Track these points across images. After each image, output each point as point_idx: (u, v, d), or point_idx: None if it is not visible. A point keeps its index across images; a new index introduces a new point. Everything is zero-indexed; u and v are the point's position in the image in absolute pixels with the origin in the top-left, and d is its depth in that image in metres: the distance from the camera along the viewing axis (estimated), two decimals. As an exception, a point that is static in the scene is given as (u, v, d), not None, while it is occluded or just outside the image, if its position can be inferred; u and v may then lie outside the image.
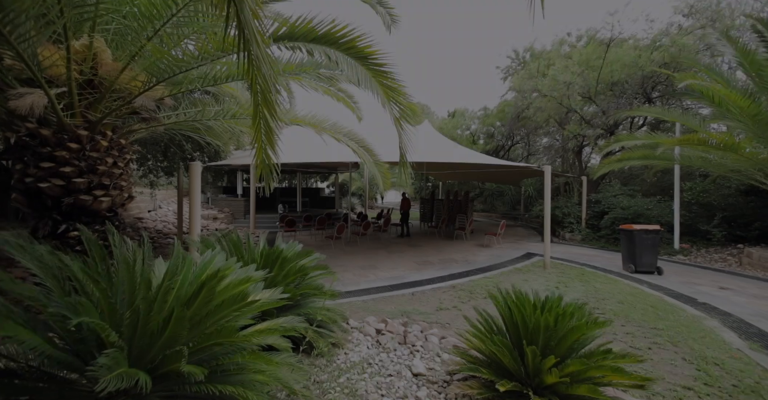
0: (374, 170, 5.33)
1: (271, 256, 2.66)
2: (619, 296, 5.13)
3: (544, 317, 1.84)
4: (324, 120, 4.82)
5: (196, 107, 4.40)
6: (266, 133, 2.23)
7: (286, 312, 2.67)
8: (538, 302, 2.11)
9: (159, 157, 6.75)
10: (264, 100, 2.00)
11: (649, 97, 10.47)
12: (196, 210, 4.39)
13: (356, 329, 3.54)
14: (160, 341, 1.34)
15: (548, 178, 7.29)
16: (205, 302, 1.43)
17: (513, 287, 2.47)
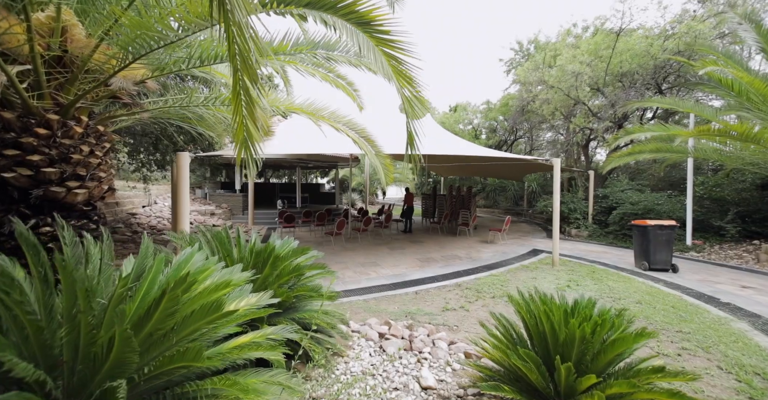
0: (376, 162, 5.01)
1: (262, 254, 2.36)
2: (636, 295, 4.84)
3: (581, 328, 1.55)
4: (322, 108, 4.51)
5: (186, 95, 4.08)
6: (247, 106, 1.90)
7: (280, 317, 2.39)
8: (568, 308, 1.81)
9: (151, 149, 6.44)
10: (243, 63, 1.69)
11: (660, 88, 10.10)
12: (184, 203, 4.10)
13: (357, 333, 3.26)
14: (104, 368, 1.06)
15: (557, 171, 6.98)
16: (167, 315, 1.15)
17: (535, 289, 2.17)
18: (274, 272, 2.44)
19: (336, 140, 6.68)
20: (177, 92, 4.42)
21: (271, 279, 2.44)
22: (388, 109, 12.04)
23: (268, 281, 2.28)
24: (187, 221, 4.17)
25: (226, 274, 1.66)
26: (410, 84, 2.25)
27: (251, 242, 2.81)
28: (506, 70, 19.74)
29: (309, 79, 4.50)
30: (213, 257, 1.75)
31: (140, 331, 1.12)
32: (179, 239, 2.40)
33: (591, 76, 9.93)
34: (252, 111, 1.89)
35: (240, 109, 1.87)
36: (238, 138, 1.97)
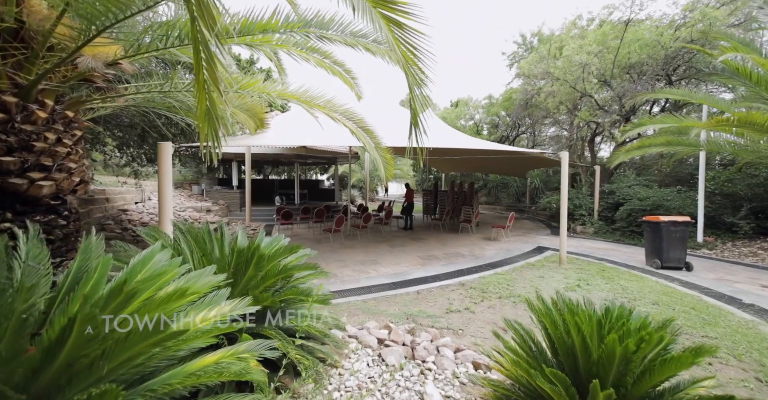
0: (375, 155, 4.71)
1: (245, 254, 2.08)
2: (651, 295, 4.56)
3: (624, 345, 1.26)
4: (317, 96, 4.20)
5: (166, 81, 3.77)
6: (208, 65, 1.55)
7: (265, 324, 2.10)
8: (602, 318, 1.52)
9: (139, 142, 6.14)
10: (199, 6, 1.34)
11: (670, 79, 9.74)
12: (166, 197, 3.80)
13: (354, 339, 2.98)
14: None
15: (566, 165, 6.67)
16: (86, 340, 0.87)
17: (557, 293, 1.88)
18: (258, 274, 2.15)
19: (333, 133, 6.37)
20: (162, 79, 4.11)
21: (256, 282, 2.15)
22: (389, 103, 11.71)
23: (250, 285, 2.00)
24: (170, 216, 3.88)
25: (193, 278, 1.38)
26: (413, 49, 1.93)
27: (234, 239, 2.52)
28: (509, 64, 19.35)
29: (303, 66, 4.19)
30: (176, 259, 1.46)
31: (53, 359, 0.84)
32: (149, 236, 2.12)
33: (598, 68, 9.57)
34: (213, 70, 1.55)
35: (200, 69, 1.52)
36: (201, 108, 1.65)
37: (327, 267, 6.34)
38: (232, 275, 2.16)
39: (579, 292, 4.82)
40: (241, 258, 2.12)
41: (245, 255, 2.10)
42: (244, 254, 2.09)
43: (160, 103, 4.17)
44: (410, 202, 11.23)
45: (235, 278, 2.15)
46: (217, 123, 1.57)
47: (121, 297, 0.93)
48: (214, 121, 1.55)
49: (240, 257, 2.11)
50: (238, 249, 2.08)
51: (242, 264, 2.13)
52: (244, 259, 2.12)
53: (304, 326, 2.15)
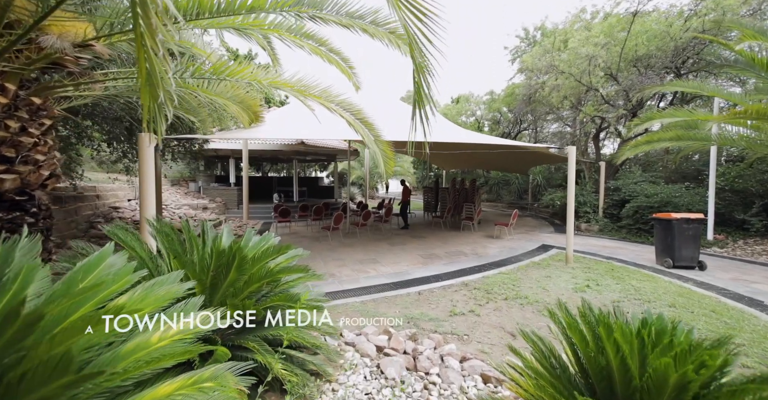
0: (374, 148, 4.46)
1: (225, 255, 1.83)
2: (666, 297, 4.32)
3: (681, 372, 1.02)
4: (311, 85, 3.93)
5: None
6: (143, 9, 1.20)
7: (247, 335, 1.85)
8: (644, 333, 1.27)
9: (128, 136, 5.88)
10: None
11: (679, 72, 9.44)
12: (148, 193, 3.55)
13: (351, 347, 2.74)
14: None
15: (572, 160, 6.41)
16: None
17: (583, 301, 1.63)
18: (241, 278, 1.90)
19: (331, 126, 6.11)
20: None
21: (238, 286, 1.90)
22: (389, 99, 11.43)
23: (229, 291, 1.75)
24: (152, 214, 3.63)
25: (148, 288, 1.14)
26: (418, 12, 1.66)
27: (217, 238, 2.27)
28: (511, 59, 19.01)
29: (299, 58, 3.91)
30: (128, 265, 1.21)
31: None
32: (113, 234, 1.86)
33: (605, 60, 9.27)
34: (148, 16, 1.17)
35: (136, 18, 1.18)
36: (141, 72, 1.35)
37: (325, 266, 6.11)
38: (211, 279, 1.91)
39: (589, 293, 4.58)
40: (222, 261, 1.87)
41: (226, 257, 1.85)
42: (225, 255, 1.84)
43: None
44: (406, 200, 10.86)
45: (215, 283, 1.90)
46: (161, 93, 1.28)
47: (18, 324, 0.68)
48: (156, 89, 1.26)
49: (220, 260, 1.86)
50: (217, 250, 1.83)
51: (223, 267, 1.88)
52: (225, 261, 1.87)
53: (293, 335, 1.90)
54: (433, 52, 2.03)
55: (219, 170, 19.27)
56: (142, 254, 1.78)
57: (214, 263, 1.87)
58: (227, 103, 5.00)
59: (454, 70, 72.04)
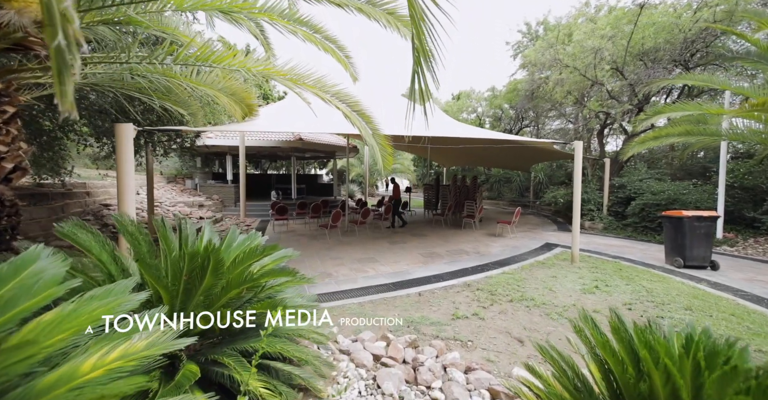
0: (372, 142, 4.21)
1: (199, 258, 1.60)
2: (680, 299, 4.09)
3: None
4: (305, 74, 3.68)
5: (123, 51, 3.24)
6: None
7: (218, 350, 1.63)
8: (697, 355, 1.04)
9: (115, 131, 5.62)
10: None
11: (687, 65, 9.17)
12: (126, 188, 3.30)
13: (346, 356, 2.51)
14: None
15: (579, 156, 6.17)
16: None
17: (612, 311, 1.40)
18: (218, 284, 1.67)
19: (326, 120, 5.87)
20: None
21: (215, 293, 1.67)
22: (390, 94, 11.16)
23: (199, 301, 1.52)
24: (132, 210, 3.39)
25: (86, 302, 0.91)
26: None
27: (197, 239, 2.04)
28: (513, 55, 18.67)
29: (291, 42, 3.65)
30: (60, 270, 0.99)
31: None
32: (67, 235, 1.62)
33: (611, 53, 8.98)
34: None
35: None
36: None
37: (322, 265, 5.89)
38: (185, 284, 1.68)
39: (598, 294, 4.36)
40: (196, 263, 1.64)
41: (200, 260, 1.61)
42: (198, 258, 1.61)
43: (130, 83, 3.66)
44: (397, 198, 10.50)
45: (189, 289, 1.67)
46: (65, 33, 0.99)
47: None
48: (56, 25, 0.96)
49: (194, 263, 1.63)
50: (190, 252, 1.60)
51: (197, 271, 1.65)
52: (199, 265, 1.64)
53: (278, 347, 1.68)
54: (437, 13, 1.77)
55: (217, 167, 19.03)
56: (102, 257, 1.55)
57: (187, 267, 1.64)
58: (218, 95, 4.74)
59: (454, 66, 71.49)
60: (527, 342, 3.03)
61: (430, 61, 1.89)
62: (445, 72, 1.75)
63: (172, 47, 2.93)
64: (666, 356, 1.00)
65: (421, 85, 1.59)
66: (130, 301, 1.02)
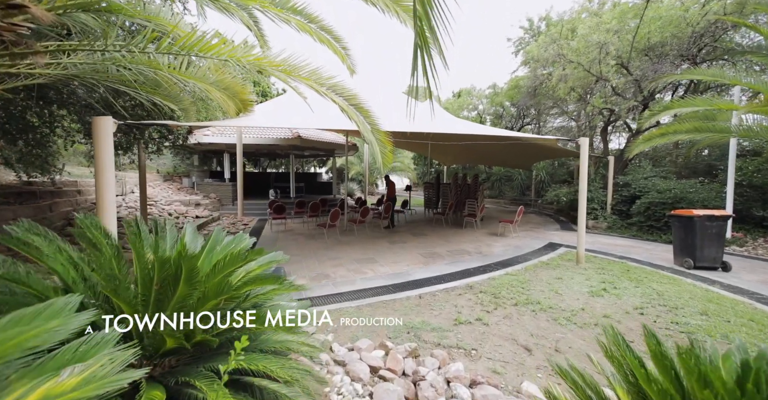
0: (370, 138, 4.02)
1: (170, 265, 1.41)
2: (694, 303, 3.90)
3: None
4: (299, 66, 3.47)
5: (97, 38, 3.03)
6: None
7: (191, 370, 1.44)
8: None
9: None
10: None
11: (695, 60, 8.94)
12: (106, 187, 3.10)
13: (341, 367, 2.33)
14: None
15: (585, 152, 5.96)
16: None
17: (647, 331, 1.20)
18: (193, 294, 1.48)
19: (323, 115, 5.67)
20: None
21: (190, 303, 1.48)
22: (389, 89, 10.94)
23: (171, 314, 1.33)
24: (112, 210, 3.19)
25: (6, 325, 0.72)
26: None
27: (173, 241, 1.84)
28: (514, 51, 18.42)
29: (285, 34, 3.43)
30: None
31: None
32: (12, 241, 1.42)
33: (617, 48, 8.75)
34: None
35: None
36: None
37: (319, 266, 5.70)
38: (156, 295, 1.49)
39: (607, 297, 4.17)
40: (167, 272, 1.44)
41: (171, 267, 1.42)
42: (169, 266, 1.41)
43: (115, 76, 3.45)
44: (392, 198, 10.02)
45: (161, 301, 1.48)
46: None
47: None
48: None
49: (165, 271, 1.44)
50: (160, 259, 1.40)
51: (169, 281, 1.46)
52: (171, 273, 1.44)
53: (260, 365, 1.49)
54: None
55: (215, 165, 18.82)
56: (57, 267, 1.36)
57: (158, 275, 1.45)
58: (209, 89, 4.55)
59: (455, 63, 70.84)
60: (535, 350, 2.84)
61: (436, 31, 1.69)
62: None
63: (153, 34, 2.72)
64: (727, 394, 0.80)
65: (425, 63, 1.38)
66: (67, 323, 0.82)
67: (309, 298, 4.29)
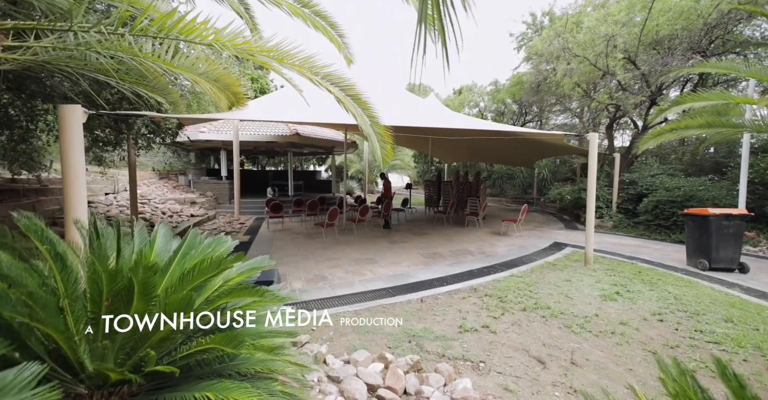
0: (369, 131, 3.75)
1: (121, 279, 1.15)
2: (715, 308, 3.64)
3: None
4: (292, 52, 3.20)
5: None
6: None
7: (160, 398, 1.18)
8: None
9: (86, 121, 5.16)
10: None
11: (705, 53, 8.64)
12: (75, 182, 2.83)
13: (335, 385, 2.08)
14: None
15: (594, 148, 5.71)
16: None
17: (718, 363, 0.94)
18: (152, 310, 1.22)
19: (320, 109, 5.40)
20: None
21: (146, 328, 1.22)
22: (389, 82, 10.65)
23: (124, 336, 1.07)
24: (83, 207, 2.92)
25: None
26: None
27: (141, 246, 1.59)
28: (517, 47, 18.07)
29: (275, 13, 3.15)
30: None
31: None
32: None
33: (625, 41, 8.45)
34: None
35: None
36: None
37: (317, 267, 5.46)
38: (107, 314, 1.23)
39: (621, 302, 3.92)
40: (119, 286, 1.19)
41: (122, 281, 1.16)
42: (121, 278, 1.16)
43: (94, 64, 3.17)
44: (390, 197, 9.57)
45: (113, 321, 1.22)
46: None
47: None
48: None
49: (115, 285, 1.18)
50: (107, 271, 1.14)
51: (122, 297, 1.20)
52: (124, 286, 1.19)
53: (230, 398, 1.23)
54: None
55: (212, 163, 18.54)
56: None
57: (107, 290, 1.19)
58: (197, 80, 4.26)
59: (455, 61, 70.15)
60: (550, 363, 2.59)
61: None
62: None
63: (126, 12, 2.45)
64: None
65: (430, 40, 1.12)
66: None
67: (304, 302, 4.05)
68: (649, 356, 2.65)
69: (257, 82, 19.95)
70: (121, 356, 1.24)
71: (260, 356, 1.53)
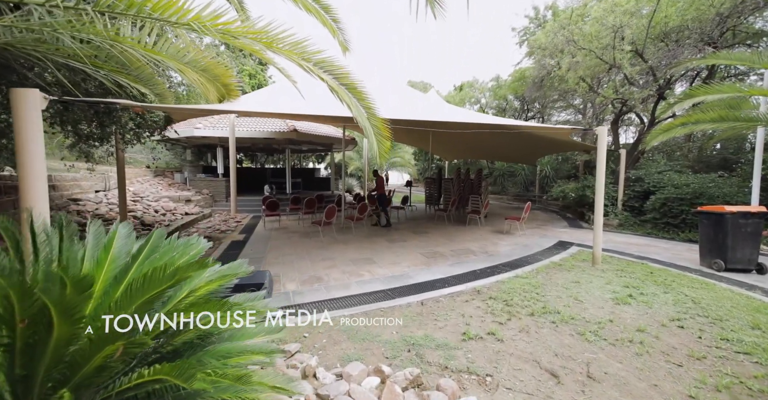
0: (366, 124, 3.49)
1: (38, 296, 0.90)
2: (738, 313, 3.39)
3: None
4: (280, 37, 2.92)
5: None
6: None
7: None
8: None
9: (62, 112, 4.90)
10: None
11: (716, 44, 8.33)
12: (32, 175, 2.56)
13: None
14: None
15: (603, 143, 5.43)
16: None
17: None
18: (80, 336, 0.97)
19: (314, 101, 5.13)
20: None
21: (78, 351, 0.96)
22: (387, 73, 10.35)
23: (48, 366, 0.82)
24: (44, 204, 2.66)
25: None
26: None
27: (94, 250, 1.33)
28: (519, 41, 17.75)
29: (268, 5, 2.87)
30: None
31: None
32: None
33: (633, 32, 8.14)
34: None
35: None
36: None
37: (312, 267, 5.21)
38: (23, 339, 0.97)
39: (635, 306, 3.66)
40: (33, 305, 0.93)
41: (40, 299, 0.91)
42: (36, 296, 0.90)
43: (67, 49, 2.90)
44: (382, 194, 9.10)
45: (33, 347, 0.97)
46: None
47: None
48: None
49: (28, 303, 0.92)
50: (14, 286, 0.89)
51: (44, 316, 0.94)
52: (42, 305, 0.93)
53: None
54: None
55: (209, 160, 18.28)
56: None
57: (20, 309, 0.94)
58: (184, 69, 3.98)
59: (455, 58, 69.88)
60: (564, 377, 2.34)
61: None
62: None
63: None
64: None
65: None
66: None
67: (297, 305, 3.81)
68: (674, 369, 2.40)
69: (255, 78, 19.63)
70: (47, 387, 0.98)
71: (227, 383, 1.27)
